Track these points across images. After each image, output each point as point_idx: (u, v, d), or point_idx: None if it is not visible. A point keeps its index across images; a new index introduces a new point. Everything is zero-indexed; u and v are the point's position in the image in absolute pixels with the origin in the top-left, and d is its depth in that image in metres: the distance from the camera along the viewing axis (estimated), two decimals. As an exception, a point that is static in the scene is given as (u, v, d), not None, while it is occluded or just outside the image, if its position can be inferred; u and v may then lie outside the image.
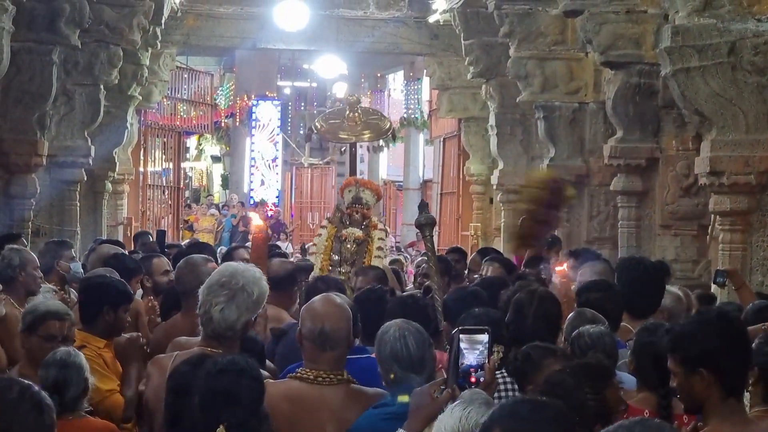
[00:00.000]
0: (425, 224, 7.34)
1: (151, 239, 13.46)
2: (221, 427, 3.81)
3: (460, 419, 3.28)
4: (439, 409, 3.60)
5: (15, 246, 7.99)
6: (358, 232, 9.29)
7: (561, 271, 7.57)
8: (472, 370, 3.66)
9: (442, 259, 10.16)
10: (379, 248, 9.45)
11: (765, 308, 7.08)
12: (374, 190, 9.67)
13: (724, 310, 4.46)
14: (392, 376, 4.60)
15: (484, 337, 3.64)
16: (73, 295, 8.19)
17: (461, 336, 3.64)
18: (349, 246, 9.12)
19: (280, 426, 4.44)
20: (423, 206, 7.67)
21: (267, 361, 5.69)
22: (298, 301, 7.06)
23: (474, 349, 3.64)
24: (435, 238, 24.76)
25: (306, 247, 11.55)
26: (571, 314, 5.84)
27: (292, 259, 11.28)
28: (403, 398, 4.34)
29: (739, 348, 4.04)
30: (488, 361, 3.65)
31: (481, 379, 3.64)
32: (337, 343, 4.73)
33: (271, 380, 4.72)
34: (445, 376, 3.79)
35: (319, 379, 4.70)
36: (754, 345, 4.87)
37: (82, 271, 8.79)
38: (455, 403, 3.44)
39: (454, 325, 5.70)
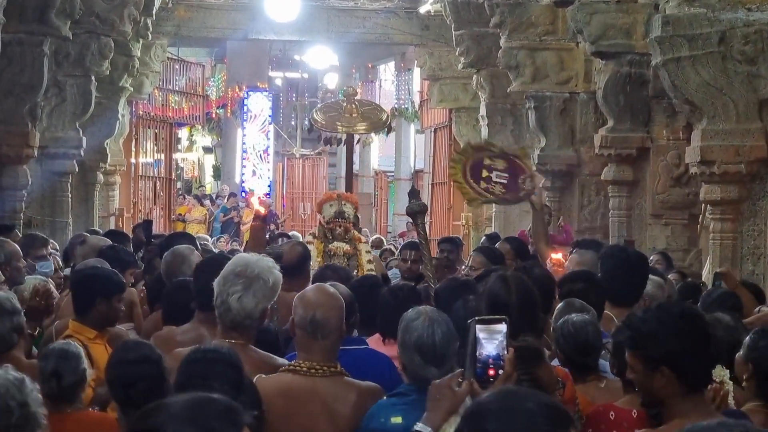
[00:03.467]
0: (417, 211, 7.30)
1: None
2: None
3: None
4: (458, 403, 3.54)
5: None
6: (346, 247, 9.31)
7: (557, 259, 7.54)
8: (491, 360, 3.56)
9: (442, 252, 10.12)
10: (369, 261, 9.47)
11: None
12: (354, 204, 9.69)
13: (687, 306, 4.38)
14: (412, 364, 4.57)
15: (503, 327, 3.54)
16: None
17: (477, 326, 3.54)
18: (338, 261, 9.12)
19: (275, 420, 4.44)
20: (414, 193, 7.60)
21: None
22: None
23: (493, 339, 3.53)
24: (426, 228, 24.73)
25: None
26: (559, 305, 5.84)
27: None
28: (397, 419, 4.32)
29: (702, 346, 3.98)
30: (507, 352, 3.55)
31: (500, 371, 3.54)
32: (329, 331, 4.70)
33: (263, 375, 4.73)
34: (463, 368, 3.69)
35: (312, 370, 4.68)
36: (747, 340, 4.86)
37: (51, 269, 8.72)
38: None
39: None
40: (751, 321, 6.21)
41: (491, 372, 3.48)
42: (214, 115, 34.15)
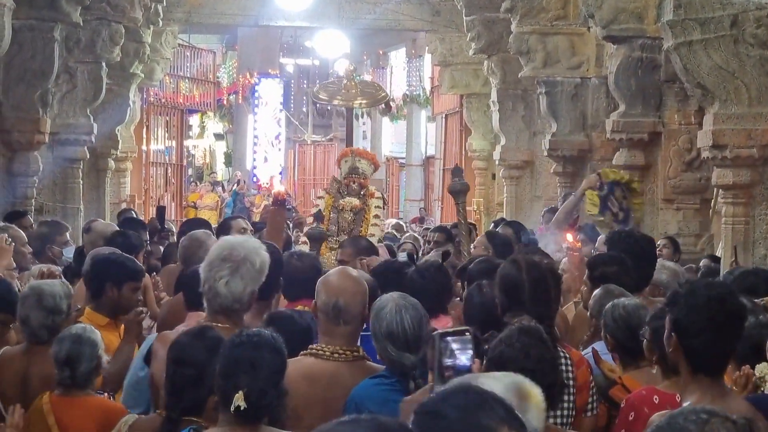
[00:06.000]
0: (460, 191, 7.21)
1: (134, 216, 13.51)
2: (240, 393, 3.85)
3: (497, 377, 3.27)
4: None
5: (2, 224, 8.02)
6: (356, 201, 9.29)
7: (572, 243, 7.51)
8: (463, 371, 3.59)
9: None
10: (376, 216, 9.44)
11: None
12: (371, 160, 9.67)
13: (730, 292, 4.34)
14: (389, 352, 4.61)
15: (469, 338, 3.59)
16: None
17: (444, 339, 3.57)
18: (346, 215, 9.11)
19: (298, 404, 4.41)
20: (457, 172, 7.49)
21: None
22: None
23: (465, 351, 3.56)
24: (438, 214, 24.82)
25: (301, 220, 11.52)
26: (597, 291, 5.77)
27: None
28: None
29: (718, 331, 3.99)
30: (474, 362, 3.58)
31: None
32: (351, 317, 4.71)
33: None
34: (431, 380, 3.70)
35: (336, 355, 4.68)
36: None
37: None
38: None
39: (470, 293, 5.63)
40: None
41: None
42: (225, 102, 34.20)
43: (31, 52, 11.74)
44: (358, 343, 4.87)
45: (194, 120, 37.00)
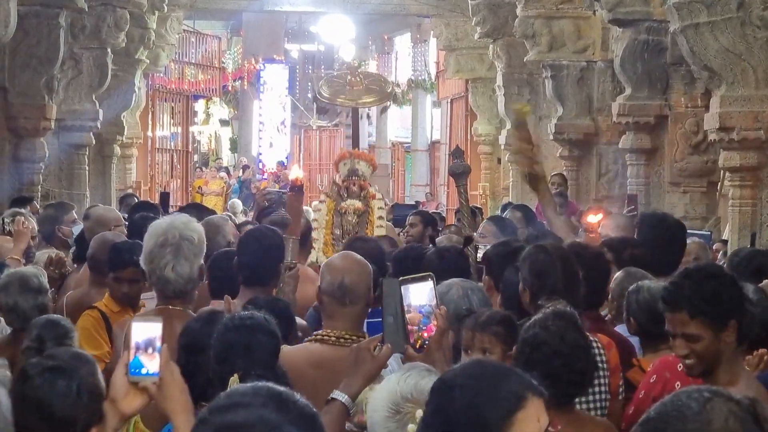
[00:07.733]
0: (462, 173, 7.14)
1: (137, 201, 13.50)
2: (235, 376, 3.82)
3: (398, 382, 3.20)
4: (378, 368, 3.58)
5: (11, 210, 8.01)
6: (358, 204, 9.24)
7: (591, 224, 7.46)
8: (422, 316, 3.42)
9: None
10: (380, 218, 9.41)
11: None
12: (369, 161, 9.63)
13: (719, 268, 4.36)
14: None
15: (429, 282, 3.49)
16: None
17: (408, 287, 3.47)
18: (350, 218, 9.07)
19: (305, 392, 4.36)
20: (458, 153, 7.42)
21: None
22: None
23: (422, 291, 3.48)
24: (444, 198, 24.78)
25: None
26: (618, 273, 5.72)
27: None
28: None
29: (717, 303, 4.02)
30: (439, 308, 3.49)
31: (433, 327, 3.45)
32: (356, 297, 4.61)
33: (288, 346, 4.64)
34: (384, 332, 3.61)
35: (342, 340, 4.57)
36: None
37: None
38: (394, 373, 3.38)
39: (495, 279, 5.53)
40: None
41: (425, 335, 3.44)
42: (230, 88, 34.16)
43: (36, 38, 11.76)
44: (365, 329, 4.77)
45: (199, 106, 36.95)
